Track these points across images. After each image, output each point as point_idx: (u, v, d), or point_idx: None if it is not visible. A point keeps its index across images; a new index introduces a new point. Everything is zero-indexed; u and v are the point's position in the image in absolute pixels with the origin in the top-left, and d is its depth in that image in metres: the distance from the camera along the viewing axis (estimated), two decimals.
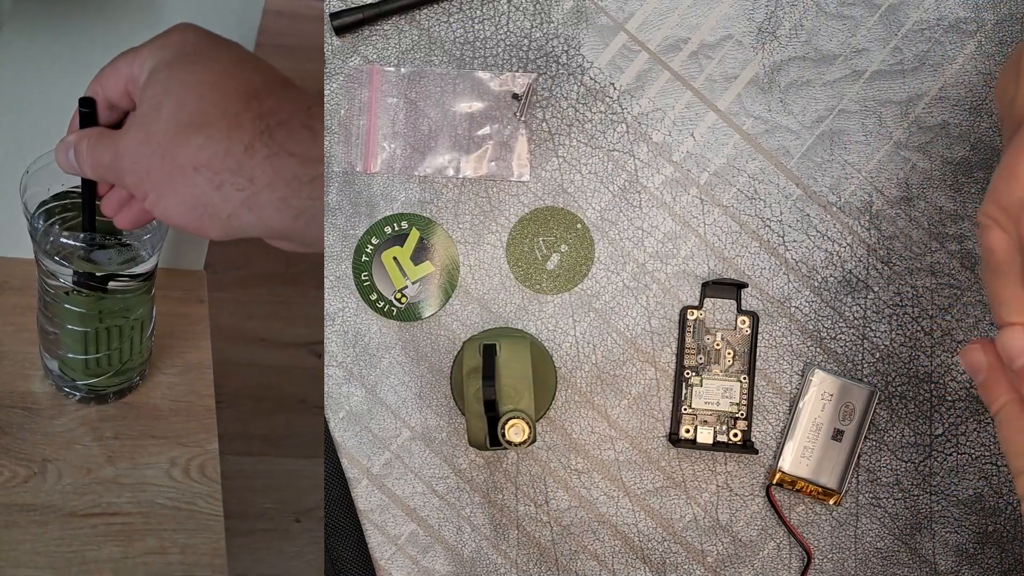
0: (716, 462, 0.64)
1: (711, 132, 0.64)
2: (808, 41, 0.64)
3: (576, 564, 0.65)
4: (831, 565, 0.64)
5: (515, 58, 0.64)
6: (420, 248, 0.65)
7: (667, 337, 0.64)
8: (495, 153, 0.65)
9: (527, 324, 0.65)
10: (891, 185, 0.63)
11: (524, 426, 0.55)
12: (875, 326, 0.64)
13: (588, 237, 0.64)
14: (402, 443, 0.65)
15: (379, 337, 0.65)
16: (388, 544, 0.65)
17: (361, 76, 0.65)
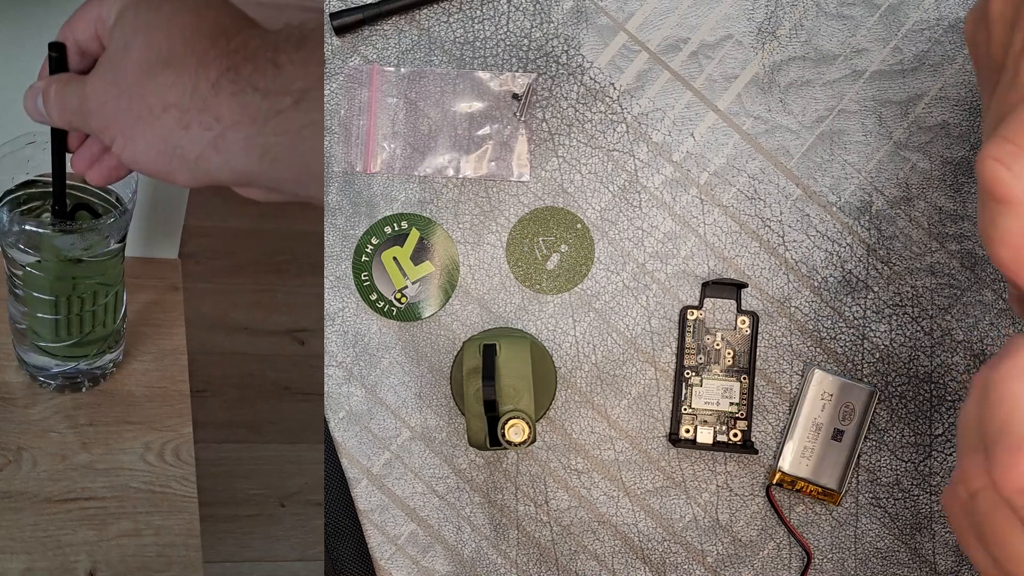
0: (716, 462, 0.64)
1: (711, 132, 0.64)
2: (808, 41, 0.64)
3: (576, 564, 0.65)
4: (831, 565, 0.64)
5: (515, 58, 0.64)
6: (420, 248, 0.65)
7: (667, 337, 0.64)
8: (495, 153, 0.65)
9: (527, 324, 0.65)
10: (891, 185, 0.63)
11: (524, 426, 0.55)
12: (875, 326, 0.64)
13: (588, 237, 0.64)
14: (402, 443, 0.65)
15: (379, 337, 0.65)
16: (388, 544, 0.65)
17: (361, 76, 0.65)
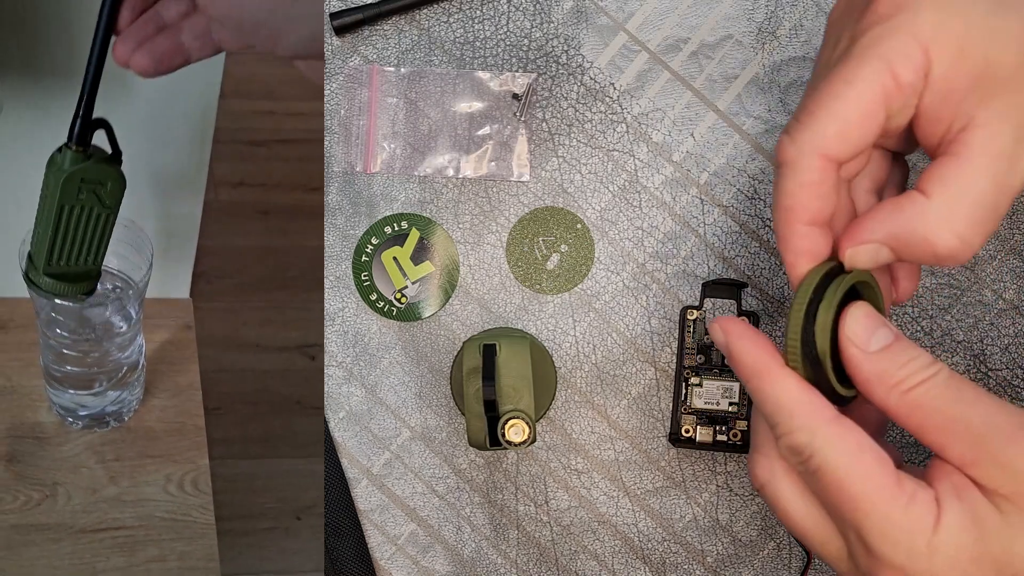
0: (716, 462, 0.64)
1: (711, 132, 0.64)
2: (808, 41, 0.64)
3: (576, 564, 0.65)
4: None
5: (515, 58, 0.64)
6: (420, 248, 0.65)
7: (667, 337, 0.64)
8: (495, 153, 0.65)
9: (527, 324, 0.65)
10: None
11: (524, 426, 0.55)
12: None
13: (588, 237, 0.64)
14: (402, 443, 0.65)
15: (379, 337, 0.65)
16: (388, 544, 0.65)
17: (361, 76, 0.65)
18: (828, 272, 0.46)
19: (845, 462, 0.43)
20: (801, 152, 0.45)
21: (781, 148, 0.46)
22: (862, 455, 0.43)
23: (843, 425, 0.44)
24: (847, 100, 0.44)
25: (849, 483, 0.43)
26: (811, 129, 0.45)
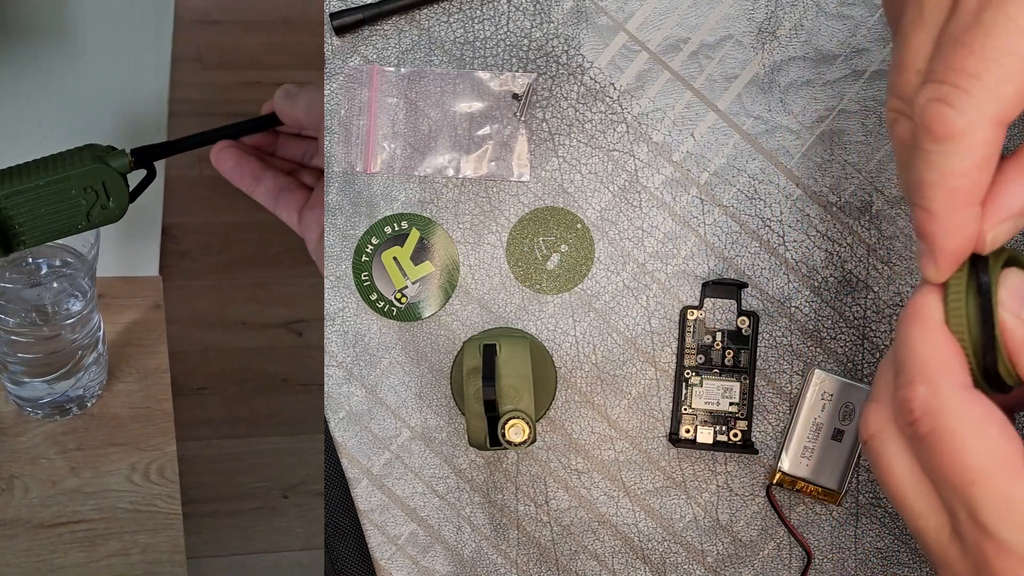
0: (716, 462, 0.64)
1: (711, 132, 0.64)
2: (808, 41, 0.64)
3: (576, 564, 0.65)
4: (831, 565, 0.64)
5: (515, 58, 0.64)
6: (420, 248, 0.65)
7: (667, 337, 0.64)
8: (495, 153, 0.65)
9: (527, 324, 0.65)
10: (891, 185, 0.63)
11: (524, 426, 0.55)
12: (875, 326, 0.64)
13: (588, 237, 0.64)
14: (402, 443, 0.65)
15: (379, 337, 0.65)
16: (388, 544, 0.65)
17: (361, 76, 0.65)
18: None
19: (967, 431, 0.40)
20: (972, 123, 0.39)
21: (943, 120, 0.40)
22: (988, 427, 0.40)
23: (973, 394, 0.41)
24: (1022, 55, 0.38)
25: (967, 453, 0.40)
26: (982, 95, 0.39)
